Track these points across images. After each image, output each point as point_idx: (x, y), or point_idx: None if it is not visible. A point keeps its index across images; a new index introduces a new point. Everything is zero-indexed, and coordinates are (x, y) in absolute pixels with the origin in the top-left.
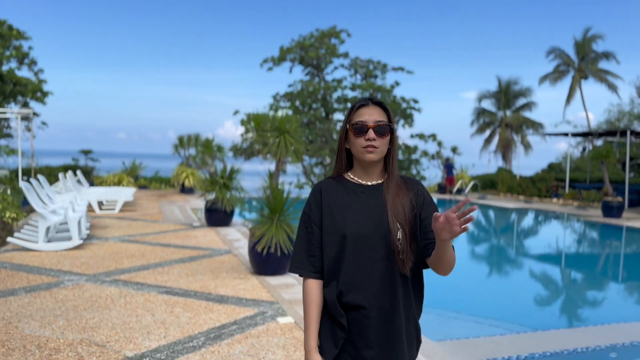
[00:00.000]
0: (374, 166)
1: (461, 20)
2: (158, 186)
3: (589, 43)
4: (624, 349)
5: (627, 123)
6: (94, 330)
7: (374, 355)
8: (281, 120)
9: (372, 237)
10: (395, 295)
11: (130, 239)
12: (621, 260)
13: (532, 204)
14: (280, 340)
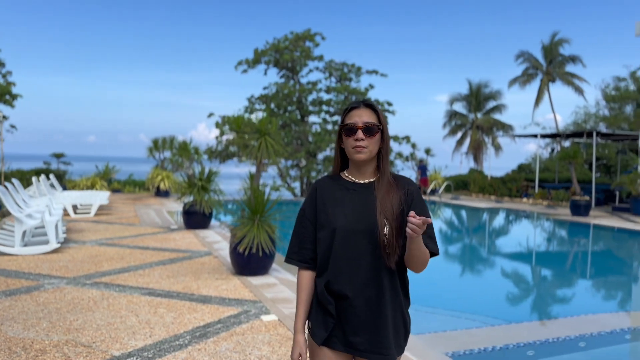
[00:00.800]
0: (366, 165)
1: (433, 25)
2: (132, 190)
3: (556, 47)
4: (592, 339)
5: (593, 125)
6: (79, 331)
7: (360, 341)
8: (262, 122)
9: (361, 231)
10: (381, 287)
11: (108, 243)
12: (589, 256)
13: (503, 204)
14: (265, 337)
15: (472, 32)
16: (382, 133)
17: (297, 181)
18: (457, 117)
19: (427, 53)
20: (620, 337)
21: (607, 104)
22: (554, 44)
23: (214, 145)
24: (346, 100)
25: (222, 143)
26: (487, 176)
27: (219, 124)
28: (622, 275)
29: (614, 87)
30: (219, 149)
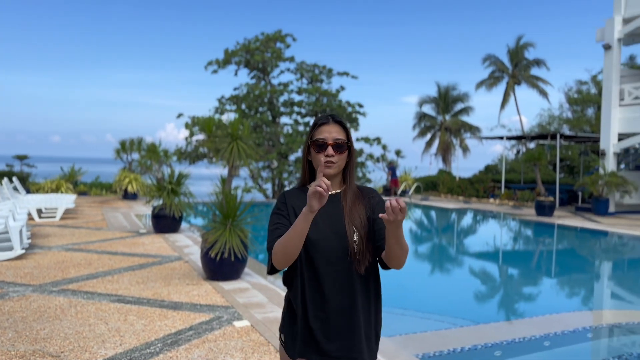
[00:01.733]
0: (334, 178)
1: (403, 27)
2: (99, 192)
3: (521, 51)
4: (556, 337)
5: (557, 127)
6: (46, 341)
7: (334, 348)
8: (234, 126)
9: (331, 240)
10: (353, 293)
11: (75, 248)
12: (553, 256)
13: (471, 204)
14: (238, 343)
15: (441, 35)
16: (349, 149)
17: (269, 182)
18: (426, 119)
19: (397, 55)
20: (582, 336)
21: (570, 107)
22: (520, 48)
23: (184, 146)
24: (317, 102)
25: (191, 144)
26: (455, 177)
27: (189, 124)
28: (585, 274)
29: (576, 90)
30: (189, 150)
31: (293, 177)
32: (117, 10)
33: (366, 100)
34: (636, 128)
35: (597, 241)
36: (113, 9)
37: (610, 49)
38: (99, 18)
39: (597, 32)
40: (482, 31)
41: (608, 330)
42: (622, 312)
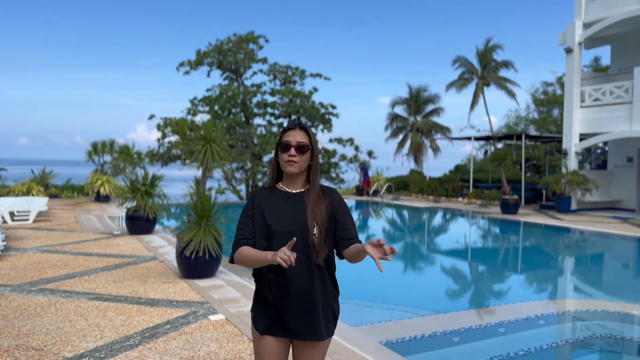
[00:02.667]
0: (297, 177)
1: (375, 28)
2: (70, 195)
3: (490, 53)
4: (509, 324)
5: (524, 127)
6: (29, 336)
7: (297, 326)
8: (207, 129)
9: (294, 234)
10: (312, 280)
11: (50, 249)
12: (512, 251)
13: (441, 203)
14: (214, 335)
15: (412, 37)
16: (312, 152)
17: (242, 184)
18: (398, 120)
19: (370, 56)
20: (534, 323)
21: (537, 108)
22: (488, 50)
23: (156, 148)
24: (291, 103)
25: (164, 146)
26: (426, 177)
27: (161, 126)
28: (545, 268)
29: (542, 91)
30: (161, 151)
31: (267, 178)
32: (87, 10)
33: (339, 101)
34: (596, 128)
35: (559, 237)
36: (82, 8)
37: (571, 53)
38: (68, 17)
39: (559, 35)
40: (452, 33)
41: (559, 318)
42: (574, 301)
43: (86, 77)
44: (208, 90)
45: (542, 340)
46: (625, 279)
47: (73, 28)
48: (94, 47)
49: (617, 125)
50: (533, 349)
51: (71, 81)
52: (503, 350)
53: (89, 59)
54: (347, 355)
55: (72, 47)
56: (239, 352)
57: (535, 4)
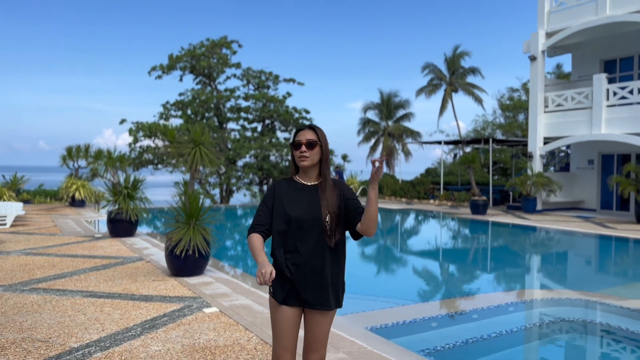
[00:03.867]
0: (311, 171)
1: (347, 33)
2: (43, 200)
3: (457, 59)
4: (482, 311)
5: (491, 132)
6: (32, 330)
7: (309, 297)
8: (196, 132)
9: (309, 220)
10: (324, 259)
11: (34, 252)
12: (487, 248)
13: (413, 205)
14: (210, 325)
15: (382, 43)
16: (321, 147)
17: (216, 188)
18: (370, 125)
19: (342, 61)
20: (504, 310)
21: (503, 113)
22: (456, 57)
23: (127, 153)
24: (264, 108)
25: (135, 150)
26: (398, 180)
27: (133, 130)
28: (511, 263)
29: (508, 97)
30: (132, 156)
31: (242, 183)
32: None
33: (313, 106)
34: (559, 132)
35: (526, 235)
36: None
37: (535, 60)
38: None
39: (524, 44)
40: (422, 40)
41: (526, 305)
42: (539, 291)
43: (50, 80)
44: (181, 95)
45: (512, 324)
46: (586, 271)
47: (36, 31)
48: (59, 51)
49: (578, 129)
50: (504, 331)
51: (35, 85)
52: (477, 334)
53: (53, 62)
54: (336, 340)
55: (36, 50)
56: (237, 339)
57: (501, 13)
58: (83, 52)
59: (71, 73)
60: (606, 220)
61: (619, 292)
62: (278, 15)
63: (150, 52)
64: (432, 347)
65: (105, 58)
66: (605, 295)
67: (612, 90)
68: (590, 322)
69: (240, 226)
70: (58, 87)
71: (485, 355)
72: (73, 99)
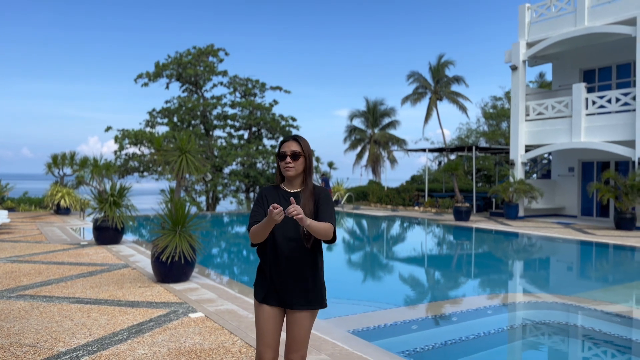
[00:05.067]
0: (295, 179)
1: (334, 41)
2: (27, 208)
3: (442, 68)
4: (461, 314)
5: (475, 139)
6: (19, 335)
7: (289, 297)
8: (182, 140)
9: (290, 226)
10: (303, 262)
11: (20, 260)
12: (470, 253)
13: (398, 212)
14: (196, 329)
15: (368, 51)
16: (305, 157)
17: (203, 195)
18: (356, 132)
19: (328, 69)
20: (483, 313)
21: (486, 121)
22: (441, 66)
23: (112, 160)
24: (251, 115)
25: (121, 158)
26: (384, 187)
27: (119, 137)
28: (493, 268)
29: (491, 105)
30: (118, 163)
31: (228, 190)
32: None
33: (299, 113)
34: (540, 140)
35: (508, 241)
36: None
37: (516, 70)
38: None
39: (505, 54)
40: (407, 49)
41: (506, 308)
42: (519, 294)
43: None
44: (167, 102)
45: (490, 326)
46: (566, 276)
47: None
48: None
49: (558, 137)
50: (482, 333)
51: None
52: (456, 336)
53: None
54: (319, 342)
55: (20, 56)
56: (222, 343)
57: (485, 23)
58: (68, 59)
59: (56, 79)
60: (586, 226)
61: (597, 295)
62: (265, 23)
63: (136, 59)
64: (412, 349)
65: (90, 65)
66: (582, 298)
67: (591, 99)
68: (567, 325)
69: (227, 234)
70: (42, 94)
71: (463, 356)
72: (58, 106)
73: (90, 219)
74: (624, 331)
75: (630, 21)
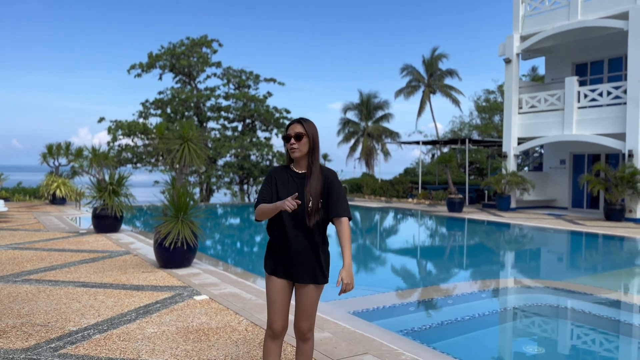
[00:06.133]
0: (301, 160)
1: (327, 34)
2: (22, 198)
3: (435, 62)
4: (456, 298)
5: (468, 132)
6: (30, 316)
7: (295, 271)
8: (184, 128)
9: (297, 208)
10: (310, 238)
11: (20, 247)
12: (463, 243)
13: (392, 204)
14: (202, 310)
15: (362, 44)
16: (308, 138)
17: (197, 187)
18: (350, 125)
19: (322, 62)
20: (477, 296)
21: (479, 114)
22: (434, 59)
23: (105, 151)
24: (245, 107)
25: (114, 149)
26: (378, 179)
27: (112, 129)
28: (485, 256)
29: (484, 99)
30: (111, 154)
31: (222, 182)
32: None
33: (293, 106)
34: (533, 133)
35: (500, 231)
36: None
37: (510, 63)
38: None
39: (499, 47)
40: (400, 42)
41: (498, 292)
42: (511, 279)
43: (24, 78)
44: (160, 94)
45: (484, 308)
46: (554, 263)
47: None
48: (33, 48)
49: (550, 130)
50: (476, 314)
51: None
52: (451, 317)
53: (26, 60)
54: (321, 322)
55: (9, 48)
56: (228, 322)
57: (479, 17)
58: (58, 50)
59: (46, 71)
60: (577, 217)
61: (585, 281)
62: (259, 15)
63: (128, 50)
64: (410, 328)
65: (81, 56)
66: (571, 284)
67: (583, 92)
68: (556, 307)
69: (221, 225)
70: (32, 85)
71: (458, 335)
72: (48, 97)
73: (87, 208)
74: (610, 313)
75: (622, 15)
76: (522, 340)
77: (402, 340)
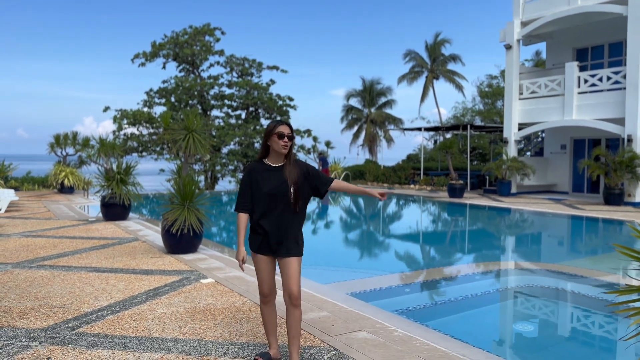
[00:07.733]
0: (281, 156)
1: (330, 21)
2: (31, 187)
3: (438, 47)
4: (451, 279)
5: (470, 118)
6: (47, 299)
7: (276, 248)
8: (189, 119)
9: (278, 193)
10: (288, 220)
11: (33, 234)
12: (464, 227)
13: (395, 190)
14: (208, 292)
15: (364, 30)
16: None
17: (201, 175)
18: (353, 112)
19: (325, 48)
20: (471, 278)
21: (482, 100)
22: (437, 44)
23: (112, 141)
24: (248, 95)
25: (119, 138)
26: (380, 166)
27: (117, 118)
28: (486, 240)
29: (487, 84)
30: (118, 144)
31: (226, 170)
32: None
33: (296, 93)
34: (533, 118)
35: (501, 216)
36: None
37: (510, 49)
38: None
39: (500, 33)
40: (403, 27)
41: (496, 274)
42: (510, 262)
43: (30, 68)
44: (164, 82)
45: (480, 289)
46: (553, 246)
47: (13, 17)
48: (39, 38)
49: (551, 115)
50: (470, 295)
51: (13, 72)
52: (446, 297)
53: (31, 49)
54: (320, 302)
55: (16, 37)
56: (233, 303)
57: (481, 1)
58: (62, 40)
59: (51, 60)
60: (576, 202)
61: (582, 264)
62: (260, 2)
63: (132, 39)
64: (405, 308)
65: (85, 45)
66: (568, 266)
67: (583, 77)
68: (548, 288)
69: (226, 213)
70: (38, 74)
71: (452, 314)
72: (53, 87)
73: (95, 197)
74: (604, 295)
75: (622, 0)
76: (514, 319)
77: (396, 318)
